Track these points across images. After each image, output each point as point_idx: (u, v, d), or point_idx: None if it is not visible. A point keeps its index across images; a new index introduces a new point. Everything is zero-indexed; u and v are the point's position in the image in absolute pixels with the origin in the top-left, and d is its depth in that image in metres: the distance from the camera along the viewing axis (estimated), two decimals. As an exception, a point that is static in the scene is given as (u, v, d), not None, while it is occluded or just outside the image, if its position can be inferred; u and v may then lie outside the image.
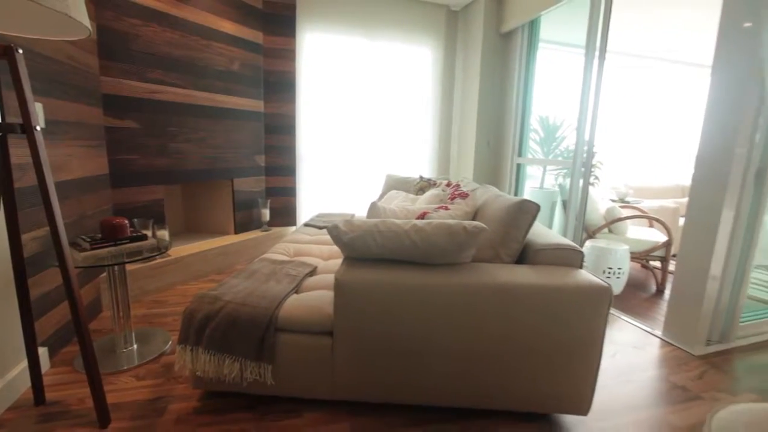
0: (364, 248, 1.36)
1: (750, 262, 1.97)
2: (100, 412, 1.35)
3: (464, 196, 1.80)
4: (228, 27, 3.01)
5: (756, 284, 2.25)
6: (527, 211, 1.46)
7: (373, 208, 1.66)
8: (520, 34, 3.42)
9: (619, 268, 2.67)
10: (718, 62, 1.87)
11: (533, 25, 3.35)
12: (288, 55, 3.50)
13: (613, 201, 3.67)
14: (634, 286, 2.98)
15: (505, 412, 1.47)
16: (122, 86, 2.43)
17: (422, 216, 1.60)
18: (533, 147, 3.65)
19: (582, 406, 1.37)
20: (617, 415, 1.49)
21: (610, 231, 3.03)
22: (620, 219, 2.92)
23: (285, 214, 3.75)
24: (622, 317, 2.40)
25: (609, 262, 2.67)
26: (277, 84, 3.51)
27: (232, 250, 3.10)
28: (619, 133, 4.91)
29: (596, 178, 4.05)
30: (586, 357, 1.32)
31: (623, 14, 3.55)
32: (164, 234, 2.00)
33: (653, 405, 1.56)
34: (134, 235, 1.79)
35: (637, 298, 2.75)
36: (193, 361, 1.39)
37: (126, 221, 1.77)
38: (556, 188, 3.33)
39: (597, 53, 2.58)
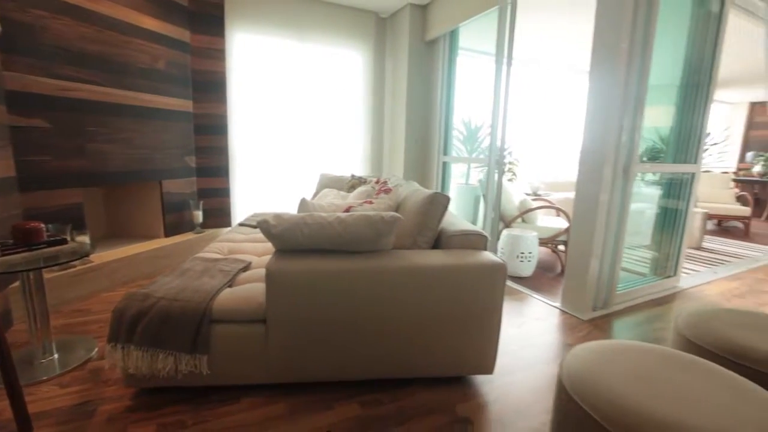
0: (293, 240, 1.48)
1: (622, 241, 2.39)
2: (21, 422, 1.32)
3: (388, 191, 1.99)
4: (150, 23, 2.92)
5: (627, 260, 2.72)
6: (439, 203, 1.67)
7: (303, 204, 1.78)
8: (442, 42, 3.71)
9: (530, 252, 3.04)
10: (592, 73, 2.25)
11: (453, 35, 3.66)
12: (217, 54, 3.46)
13: (527, 194, 4.12)
14: (543, 268, 3.40)
15: (427, 378, 1.67)
16: (29, 82, 2.27)
17: (348, 210, 1.75)
18: (458, 146, 3.98)
19: (488, 366, 1.62)
20: (519, 371, 1.77)
21: (524, 221, 3.42)
22: (531, 210, 3.32)
23: (219, 216, 3.70)
24: (533, 295, 2.75)
25: (521, 248, 3.04)
26: (207, 84, 3.45)
27: (163, 254, 3.01)
28: (533, 134, 5.48)
29: (514, 174, 4.51)
30: (489, 323, 1.57)
31: (531, 24, 4.00)
32: (84, 239, 1.94)
33: (548, 361, 1.86)
34: (51, 239, 1.72)
35: (545, 277, 3.15)
36: (124, 359, 1.41)
37: (42, 225, 1.70)
38: (478, 184, 3.66)
39: (505, 60, 2.92)
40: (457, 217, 1.99)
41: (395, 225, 1.50)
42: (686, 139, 2.78)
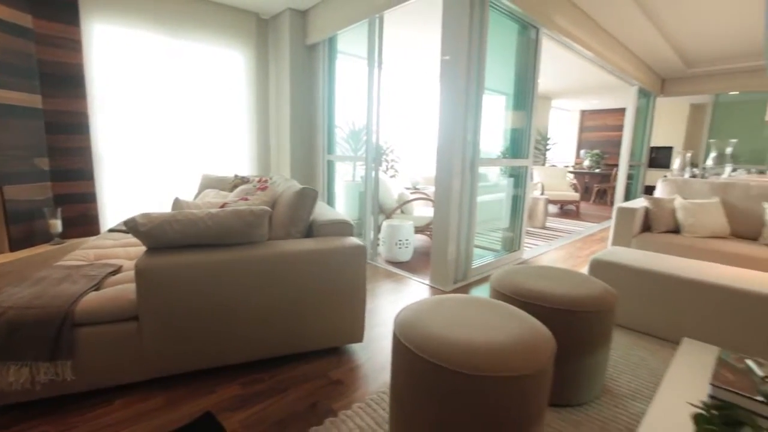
0: (163, 237, 1.53)
1: (474, 224, 2.89)
2: None
3: (264, 188, 2.12)
4: (-24, 6, 2.53)
5: (485, 239, 3.29)
6: (308, 197, 1.87)
7: (176, 203, 1.81)
8: (322, 47, 3.92)
9: (407, 239, 3.44)
10: (441, 81, 2.69)
11: (332, 41, 3.89)
12: (72, 45, 3.13)
13: (407, 188, 4.58)
14: (422, 252, 3.85)
15: (306, 352, 1.87)
16: None
17: (222, 207, 1.84)
18: (344, 145, 4.23)
19: (358, 335, 1.88)
20: (388, 337, 2.07)
21: (403, 212, 3.83)
22: (407, 202, 3.74)
23: (84, 223, 3.34)
24: (409, 276, 3.13)
25: (399, 236, 3.42)
26: (61, 77, 3.10)
27: (6, 270, 2.64)
28: (413, 133, 6.04)
29: (395, 171, 4.95)
30: (355, 298, 1.83)
31: (401, 34, 4.45)
32: None
33: (412, 327, 2.20)
34: None
35: (421, 261, 3.58)
36: (-35, 377, 1.31)
37: None
38: (361, 180, 3.97)
39: (376, 64, 3.25)
40: (328, 208, 2.21)
41: (265, 217, 1.65)
42: (519, 138, 3.46)
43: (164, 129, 3.72)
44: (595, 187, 8.42)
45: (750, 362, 1.21)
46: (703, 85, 6.09)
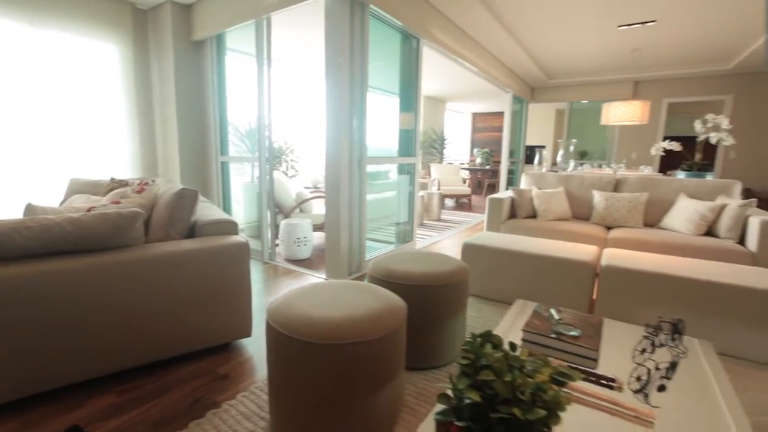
0: (12, 245, 1.41)
1: (364, 218, 3.10)
2: None
3: (141, 191, 2.04)
4: None
5: (380, 233, 3.54)
6: (188, 197, 1.87)
7: (29, 209, 1.67)
8: (210, 43, 3.79)
9: (305, 237, 3.53)
10: (326, 82, 2.83)
11: (220, 38, 3.79)
12: None
13: (307, 187, 4.66)
14: (322, 249, 3.97)
15: (193, 352, 1.86)
16: None
17: (89, 210, 1.74)
18: (240, 145, 4.14)
19: (246, 330, 1.93)
20: (279, 331, 2.15)
21: (302, 210, 3.90)
22: (305, 200, 3.82)
23: None
24: (307, 272, 3.23)
25: (297, 234, 3.49)
26: None
27: None
28: (311, 133, 6.12)
29: (296, 170, 4.99)
30: (241, 294, 1.88)
31: (293, 32, 4.50)
32: None
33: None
34: None
35: (321, 258, 3.70)
36: None
37: None
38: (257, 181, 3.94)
39: (265, 63, 3.28)
40: (214, 209, 2.21)
41: (137, 219, 1.62)
42: (407, 137, 3.78)
43: (22, 128, 3.25)
44: (486, 181, 9.41)
45: (552, 310, 1.58)
46: (562, 94, 7.23)
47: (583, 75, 6.67)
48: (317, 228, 3.81)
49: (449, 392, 0.71)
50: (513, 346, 0.80)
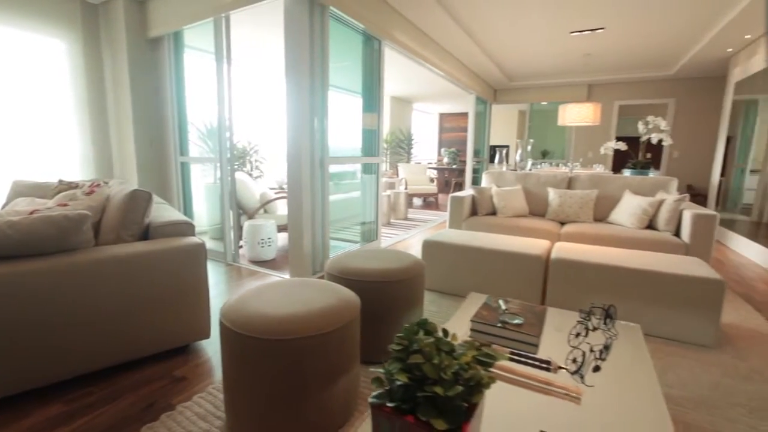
0: (-56, 251, 1.35)
1: (327, 218, 3.13)
2: None
3: (91, 193, 1.98)
4: None
5: (345, 233, 3.57)
6: (140, 199, 1.83)
7: (-35, 214, 1.58)
8: (167, 41, 3.69)
9: (269, 238, 3.51)
10: (287, 83, 2.84)
11: (177, 36, 3.69)
12: None
13: (272, 188, 4.62)
14: (287, 250, 3.94)
15: (149, 356, 1.83)
16: None
17: (32, 214, 1.67)
18: (202, 146, 4.05)
19: (205, 331, 1.92)
20: (240, 332, 2.14)
21: (266, 211, 3.87)
22: (269, 201, 3.80)
23: None
24: (272, 273, 3.21)
25: (262, 235, 3.46)
26: None
27: None
28: (276, 133, 6.06)
29: (261, 171, 4.93)
30: (198, 295, 1.86)
31: (255, 31, 4.45)
32: None
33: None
34: None
35: (286, 258, 3.69)
36: None
37: None
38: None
39: (225, 61, 3.23)
40: (171, 210, 2.17)
41: (84, 222, 1.58)
42: (370, 138, 3.83)
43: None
44: (453, 180, 9.61)
45: (501, 301, 1.67)
46: (522, 96, 7.52)
47: (542, 78, 6.97)
48: (282, 228, 3.79)
49: (382, 376, 0.77)
50: (445, 332, 0.86)
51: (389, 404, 0.73)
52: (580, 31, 4.45)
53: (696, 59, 5.22)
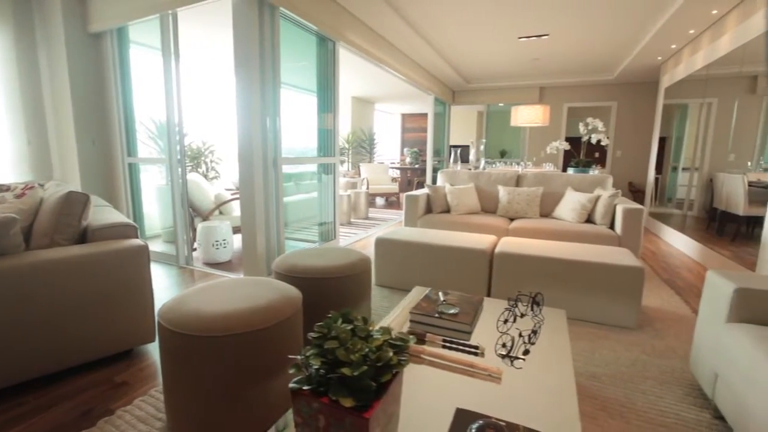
0: None
1: (281, 218, 3.13)
2: None
3: (21, 196, 1.89)
4: None
5: (304, 233, 3.58)
6: (76, 201, 1.78)
7: None
8: (109, 36, 3.54)
9: (224, 240, 3.46)
10: (236, 82, 2.82)
11: (121, 31, 3.55)
12: None
13: (228, 189, 4.54)
14: (245, 251, 3.90)
15: (93, 361, 1.78)
16: None
17: (-47, 218, 1.59)
18: (153, 146, 3.91)
19: (149, 335, 1.88)
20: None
21: (221, 212, 3.80)
22: (224, 202, 3.74)
23: None
24: (225, 275, 3.17)
25: (216, 236, 3.41)
26: None
27: None
28: (232, 134, 5.94)
29: (216, 172, 4.83)
30: (141, 298, 1.83)
31: (205, 30, 4.36)
32: None
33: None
34: None
35: (242, 260, 3.65)
36: None
37: None
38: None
39: (173, 58, 3.15)
40: (113, 213, 2.11)
41: (12, 226, 1.52)
42: (326, 137, 3.86)
43: None
44: (415, 180, 9.78)
45: (440, 293, 1.76)
46: (479, 97, 7.78)
47: (497, 80, 7.25)
48: (238, 230, 3.74)
49: (300, 362, 0.82)
50: (365, 320, 0.93)
51: (306, 388, 0.78)
52: (527, 37, 4.69)
53: (632, 66, 5.64)
